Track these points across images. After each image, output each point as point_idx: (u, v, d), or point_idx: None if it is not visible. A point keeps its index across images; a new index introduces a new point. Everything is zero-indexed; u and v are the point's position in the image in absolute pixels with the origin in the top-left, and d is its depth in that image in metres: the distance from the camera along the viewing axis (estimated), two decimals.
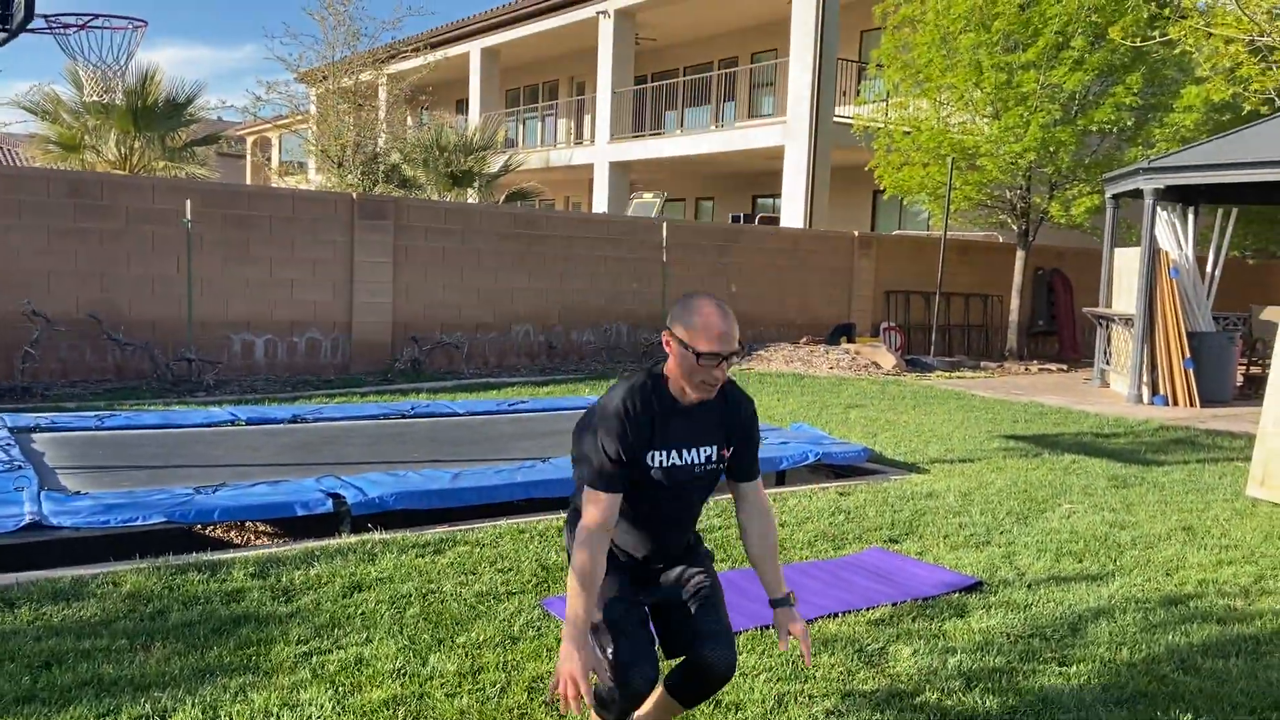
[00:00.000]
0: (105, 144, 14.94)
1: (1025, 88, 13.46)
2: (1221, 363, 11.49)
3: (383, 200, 11.69)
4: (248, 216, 10.57)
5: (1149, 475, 7.01)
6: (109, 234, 9.83)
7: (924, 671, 3.47)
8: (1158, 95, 14.17)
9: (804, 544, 4.99)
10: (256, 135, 37.74)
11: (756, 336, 14.67)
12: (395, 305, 11.54)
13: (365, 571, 4.26)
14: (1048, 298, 17.36)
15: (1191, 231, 11.77)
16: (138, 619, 3.65)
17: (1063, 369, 15.06)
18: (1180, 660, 3.67)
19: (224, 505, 4.65)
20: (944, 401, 10.58)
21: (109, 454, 5.98)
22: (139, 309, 10.01)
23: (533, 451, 6.53)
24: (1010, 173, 14.19)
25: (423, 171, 18.42)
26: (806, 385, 11.47)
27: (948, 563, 4.76)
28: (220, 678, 3.20)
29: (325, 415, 7.58)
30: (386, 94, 21.90)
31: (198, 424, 7.05)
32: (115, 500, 4.63)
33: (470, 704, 3.08)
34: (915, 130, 14.77)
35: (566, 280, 12.89)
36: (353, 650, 3.45)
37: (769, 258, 14.79)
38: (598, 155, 22.34)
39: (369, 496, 4.91)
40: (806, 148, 17.76)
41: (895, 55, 14.89)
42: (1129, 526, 5.58)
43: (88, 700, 3.00)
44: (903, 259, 16.22)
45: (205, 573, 4.14)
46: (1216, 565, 4.91)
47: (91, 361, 9.78)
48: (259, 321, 10.70)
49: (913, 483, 6.45)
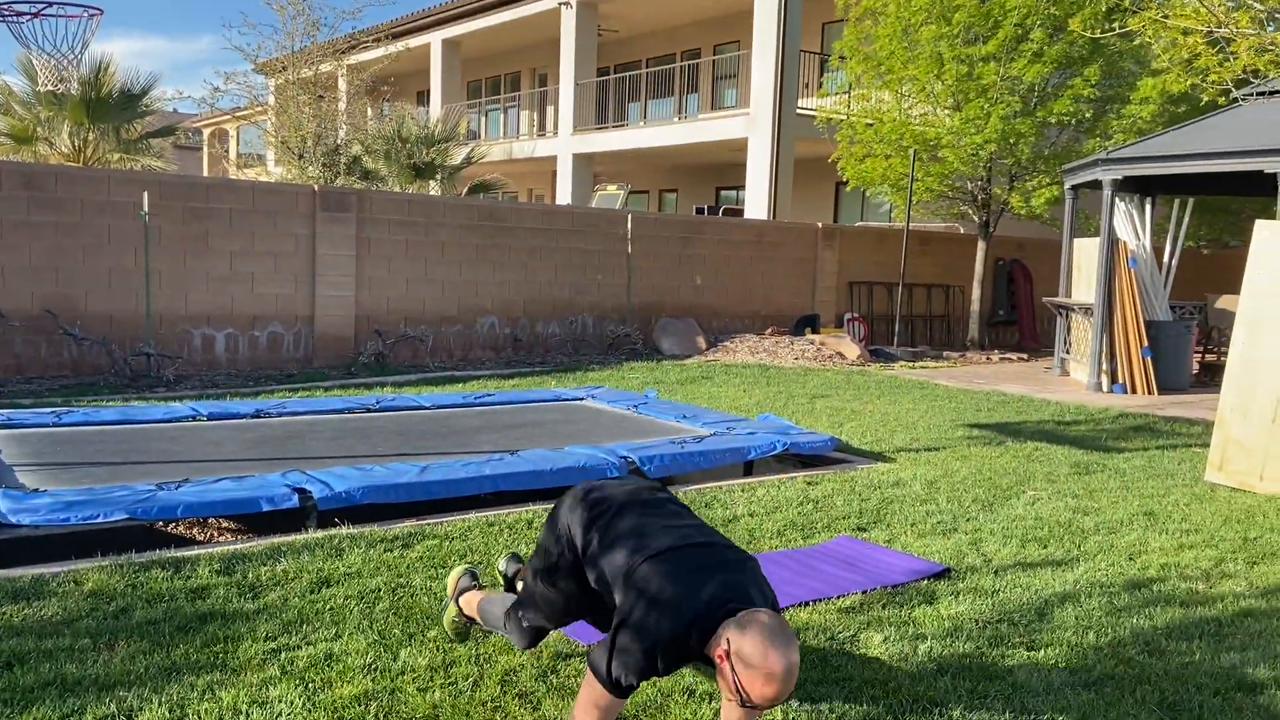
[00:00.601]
0: (59, 136, 14.65)
1: (985, 80, 13.59)
2: (1178, 351, 11.68)
3: (345, 192, 11.57)
4: (207, 209, 10.41)
5: (1110, 462, 7.11)
6: (64, 227, 9.64)
7: (895, 658, 3.49)
8: (1115, 87, 14.36)
9: (773, 533, 5.01)
10: (214, 127, 37.18)
11: (721, 328, 14.70)
12: (358, 298, 11.43)
13: (333, 566, 4.21)
14: (1008, 288, 17.56)
15: (1149, 222, 11.95)
16: (100, 617, 3.58)
17: (1023, 358, 15.24)
18: (1145, 643, 3.73)
19: (188, 501, 4.57)
20: (908, 391, 10.67)
21: (67, 450, 5.87)
22: (96, 303, 9.83)
23: (500, 444, 6.50)
24: (971, 164, 14.32)
25: (384, 164, 18.25)
26: (772, 376, 11.51)
27: (916, 550, 4.79)
28: (187, 676, 3.15)
29: (289, 410, 7.49)
30: (347, 85, 21.67)
31: (158, 420, 6.93)
32: (75, 497, 4.54)
33: (443, 698, 3.06)
34: (877, 122, 14.85)
35: (531, 272, 12.83)
36: (322, 646, 3.41)
37: (733, 249, 14.82)
38: (561, 147, 22.26)
39: (335, 491, 4.86)
40: (770, 139, 17.81)
41: (857, 47, 14.95)
42: (1092, 512, 5.65)
43: (51, 700, 2.94)
44: (866, 250, 16.31)
45: (169, 570, 4.08)
46: (1178, 549, 4.99)
47: (47, 357, 9.60)
48: (219, 315, 10.56)
49: (879, 471, 6.49)
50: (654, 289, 14.01)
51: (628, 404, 8.19)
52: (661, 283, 14.08)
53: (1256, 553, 4.98)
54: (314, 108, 19.12)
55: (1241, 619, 4.03)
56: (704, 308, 14.54)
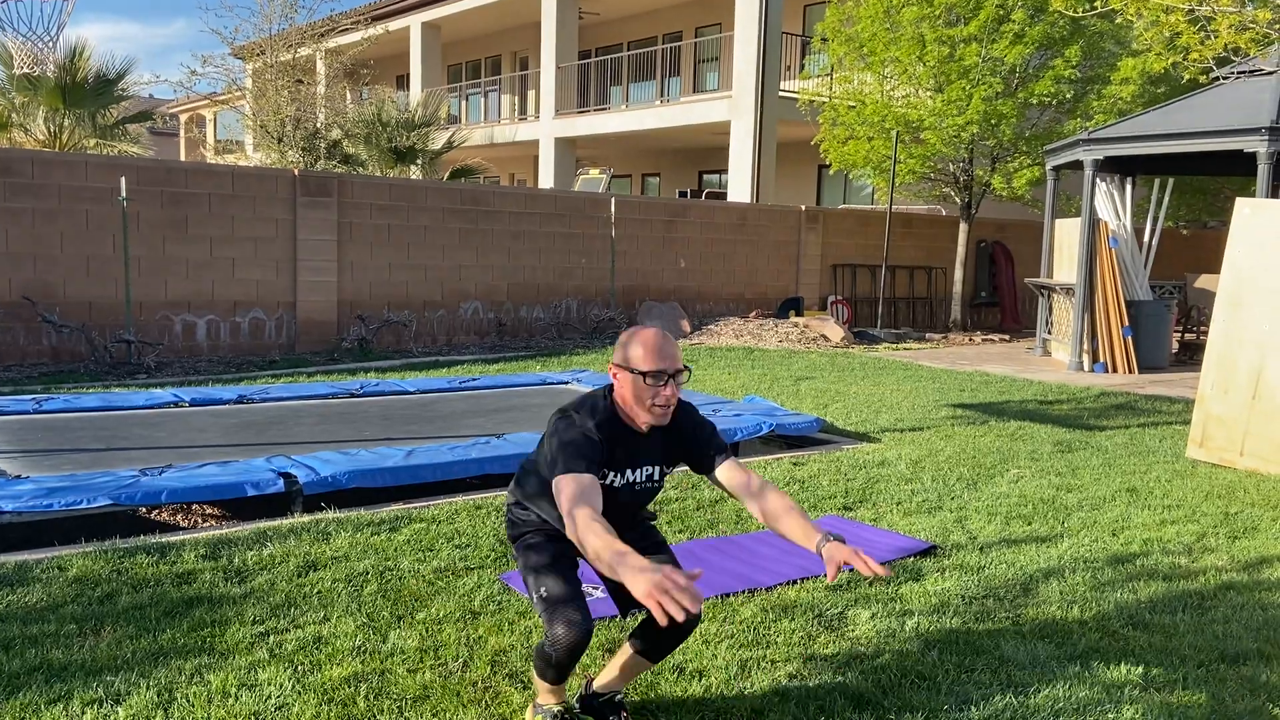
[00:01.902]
0: (34, 122, 14.47)
1: (967, 61, 13.59)
2: (1159, 330, 11.76)
3: (325, 177, 11.48)
4: (186, 194, 10.32)
5: (1092, 440, 7.16)
6: (41, 213, 9.53)
7: (883, 634, 3.51)
8: (1096, 68, 14.40)
9: None
10: (191, 112, 36.84)
11: (706, 311, 14.70)
12: (340, 284, 11.36)
13: (320, 550, 4.20)
14: (989, 269, 17.63)
15: (1129, 202, 12.00)
16: (86, 603, 3.56)
17: (1005, 339, 15.31)
18: (1129, 617, 3.76)
19: (172, 487, 4.55)
20: (892, 372, 10.70)
21: (48, 437, 5.82)
22: (75, 290, 9.74)
23: (486, 428, 6.49)
24: (953, 145, 14.34)
25: (365, 148, 18.13)
26: (757, 358, 11.53)
27: (902, 528, 4.82)
28: (175, 660, 3.13)
29: (272, 395, 7.45)
30: (325, 69, 21.48)
31: (140, 406, 6.89)
32: (58, 484, 4.50)
33: (433, 679, 3.05)
34: (860, 104, 14.85)
35: (515, 257, 12.79)
36: (310, 629, 3.40)
37: (717, 232, 14.81)
38: (542, 131, 22.16)
39: (321, 475, 4.84)
40: (752, 122, 17.78)
41: (839, 29, 14.92)
42: (1075, 489, 5.69)
43: (37, 686, 2.92)
44: (849, 233, 16.33)
45: (154, 555, 4.06)
46: (1160, 525, 5.03)
47: (26, 345, 9.51)
48: (200, 302, 10.48)
49: (864, 452, 6.52)
50: (638, 273, 13.99)
51: None
52: (645, 266, 14.06)
53: (1237, 527, 5.03)
54: (293, 91, 18.96)
55: (1224, 592, 4.07)
56: (688, 291, 14.53)
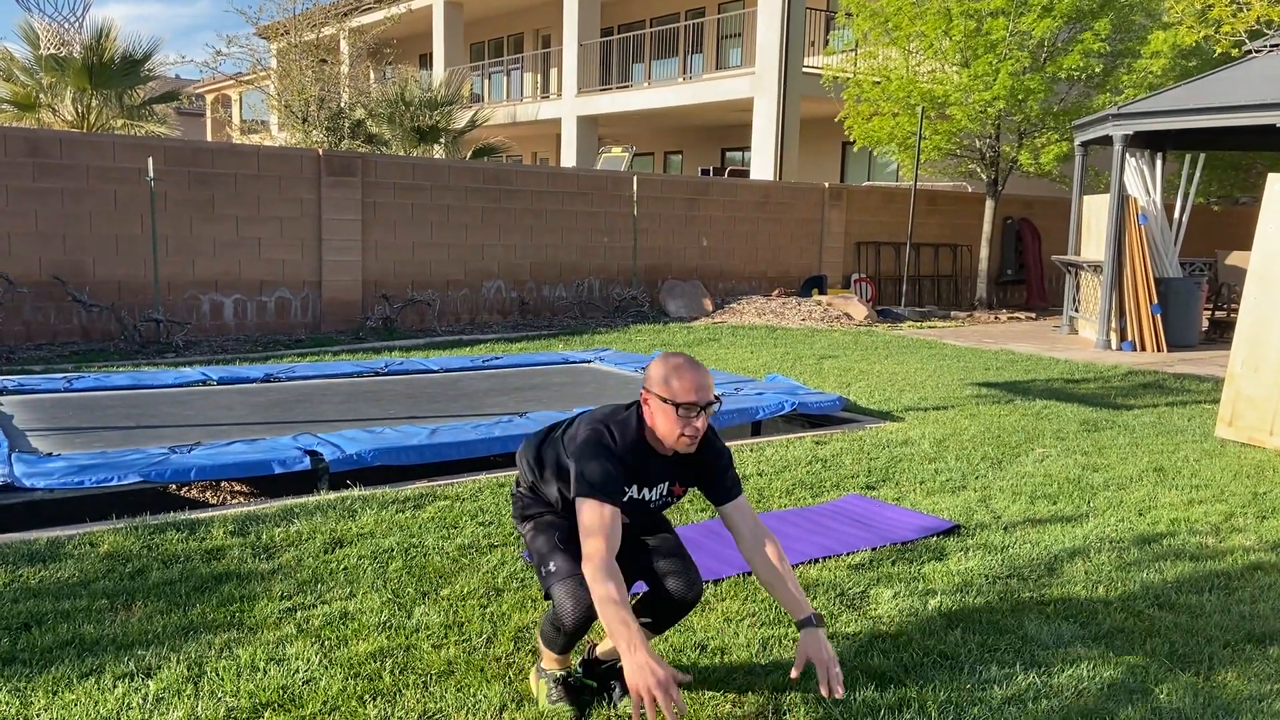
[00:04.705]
0: (61, 102, 14.57)
1: (994, 35, 13.43)
2: (1188, 308, 11.63)
3: (350, 156, 11.51)
4: (212, 174, 10.38)
5: (1119, 419, 7.11)
6: (70, 193, 9.62)
7: (905, 613, 3.51)
8: (1126, 41, 14.19)
9: (782, 492, 5.02)
10: (216, 92, 36.96)
11: (728, 290, 14.67)
12: (365, 263, 11.42)
13: (346, 527, 4.24)
14: (1016, 247, 17.46)
15: (1159, 178, 11.85)
16: (117, 579, 3.61)
17: (1031, 317, 15.19)
18: (1155, 597, 3.74)
19: (200, 464, 4.60)
20: (916, 351, 10.65)
21: (80, 415, 5.90)
22: (104, 270, 9.84)
23: (509, 406, 6.51)
24: (980, 121, 14.19)
25: (388, 127, 18.14)
26: (779, 337, 11.50)
27: (925, 508, 4.81)
28: (204, 634, 3.18)
29: (299, 374, 7.51)
30: (349, 49, 21.49)
31: (169, 384, 6.96)
32: (89, 461, 4.57)
33: (457, 654, 3.09)
34: (885, 80, 14.71)
35: (537, 235, 12.79)
36: (337, 605, 3.44)
37: (740, 210, 14.75)
38: (565, 109, 22.09)
39: (347, 453, 4.88)
40: (775, 99, 17.65)
41: (864, 4, 14.77)
42: (1101, 469, 5.66)
43: (70, 660, 2.98)
44: (873, 210, 16.22)
45: (184, 531, 4.11)
46: (1187, 505, 4.99)
47: (57, 324, 9.62)
48: (227, 281, 10.56)
49: (888, 430, 6.50)
50: (660, 251, 13.96)
51: (635, 366, 8.19)
52: (667, 245, 14.03)
53: (1266, 507, 4.98)
54: (316, 71, 18.99)
55: (1251, 572, 4.04)
56: (710, 269, 14.49)
